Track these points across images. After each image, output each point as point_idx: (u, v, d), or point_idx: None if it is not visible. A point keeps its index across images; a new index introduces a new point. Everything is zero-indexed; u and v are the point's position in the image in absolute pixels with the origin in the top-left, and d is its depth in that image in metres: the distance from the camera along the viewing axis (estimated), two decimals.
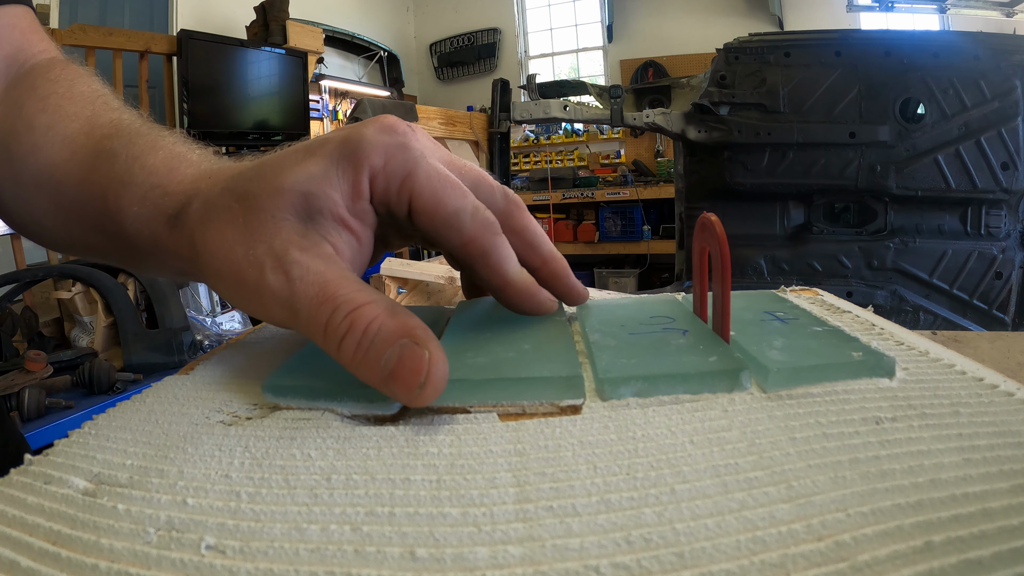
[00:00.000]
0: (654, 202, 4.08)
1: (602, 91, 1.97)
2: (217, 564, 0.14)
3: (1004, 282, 1.73)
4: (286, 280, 0.21)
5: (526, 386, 0.21)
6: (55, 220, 0.32)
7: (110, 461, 0.18)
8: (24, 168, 0.31)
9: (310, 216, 0.22)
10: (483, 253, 0.25)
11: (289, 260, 0.21)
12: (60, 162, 0.30)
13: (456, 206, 0.24)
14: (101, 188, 0.28)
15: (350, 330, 0.20)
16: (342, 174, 0.23)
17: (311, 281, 0.21)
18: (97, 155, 0.29)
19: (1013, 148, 1.65)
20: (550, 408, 0.21)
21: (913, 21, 4.10)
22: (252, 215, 0.22)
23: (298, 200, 0.22)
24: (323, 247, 0.22)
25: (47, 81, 0.33)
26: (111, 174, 0.27)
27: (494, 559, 0.13)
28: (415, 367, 0.19)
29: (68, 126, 0.31)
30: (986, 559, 0.12)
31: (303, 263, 0.21)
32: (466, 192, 0.24)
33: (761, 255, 1.87)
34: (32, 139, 0.31)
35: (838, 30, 1.97)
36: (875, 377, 0.21)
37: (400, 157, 0.23)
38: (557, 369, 0.22)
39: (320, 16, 3.86)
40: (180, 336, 1.49)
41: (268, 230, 0.22)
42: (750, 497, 0.15)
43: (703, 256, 0.26)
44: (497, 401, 0.21)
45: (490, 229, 0.25)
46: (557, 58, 5.22)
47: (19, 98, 0.33)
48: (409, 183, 0.23)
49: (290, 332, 0.32)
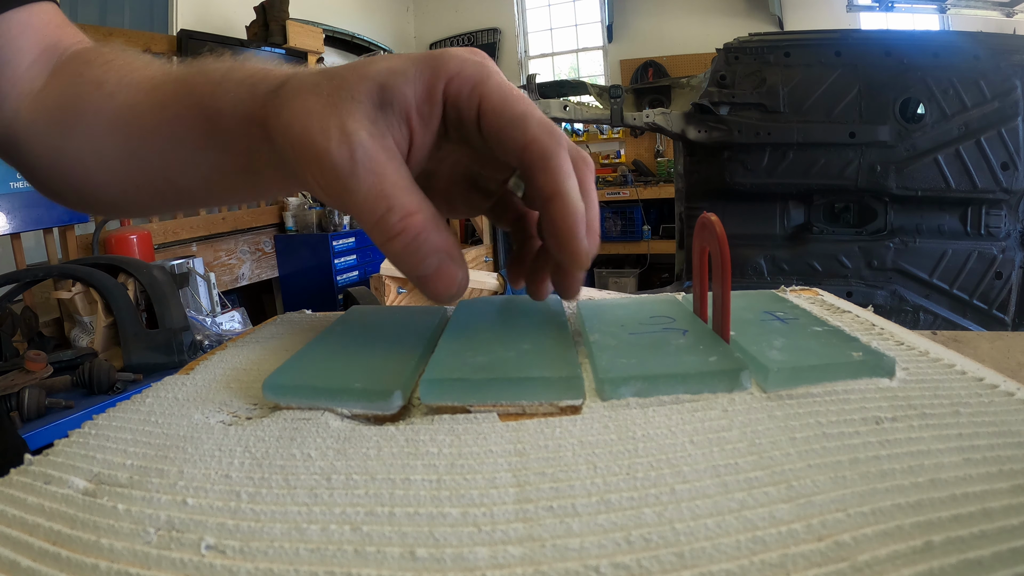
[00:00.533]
0: (654, 202, 4.08)
1: (602, 91, 1.97)
2: (217, 564, 0.14)
3: (1004, 282, 1.73)
4: (350, 158, 0.23)
5: (525, 386, 0.21)
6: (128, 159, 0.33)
7: (110, 461, 0.18)
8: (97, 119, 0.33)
9: (382, 105, 0.24)
10: (543, 155, 0.24)
11: (356, 140, 0.23)
12: (139, 100, 0.31)
13: (523, 109, 0.24)
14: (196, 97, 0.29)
15: (402, 233, 0.23)
16: (419, 74, 0.25)
17: (371, 169, 0.23)
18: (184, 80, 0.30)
19: (1013, 148, 1.64)
20: (549, 408, 0.21)
21: (913, 21, 4.10)
22: (335, 91, 0.24)
23: (375, 88, 0.24)
24: (387, 139, 0.24)
25: (99, 54, 0.35)
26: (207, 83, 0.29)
27: (494, 559, 0.13)
28: (448, 280, 0.24)
29: (142, 74, 0.33)
30: (986, 559, 0.12)
31: (368, 148, 0.23)
32: (534, 105, 0.25)
33: (761, 255, 1.87)
34: (104, 92, 0.33)
35: (838, 30, 1.97)
36: (875, 377, 0.21)
37: (475, 68, 0.25)
38: (556, 369, 0.22)
39: (320, 16, 3.86)
40: (180, 336, 1.48)
41: (346, 107, 0.24)
42: (750, 497, 0.15)
43: (703, 256, 0.26)
44: (497, 401, 0.21)
45: (556, 137, 0.24)
46: (557, 58, 5.22)
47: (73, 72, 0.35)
48: (480, 87, 0.24)
49: (290, 332, 0.32)
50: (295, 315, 0.36)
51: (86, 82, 0.34)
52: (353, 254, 3.08)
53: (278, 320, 0.35)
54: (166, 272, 1.68)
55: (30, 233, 1.97)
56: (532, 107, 0.25)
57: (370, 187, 0.23)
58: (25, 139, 0.35)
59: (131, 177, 0.34)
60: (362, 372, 0.23)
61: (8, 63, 0.35)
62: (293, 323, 0.34)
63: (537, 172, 0.24)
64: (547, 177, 0.24)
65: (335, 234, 3.00)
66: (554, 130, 0.25)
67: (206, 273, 2.04)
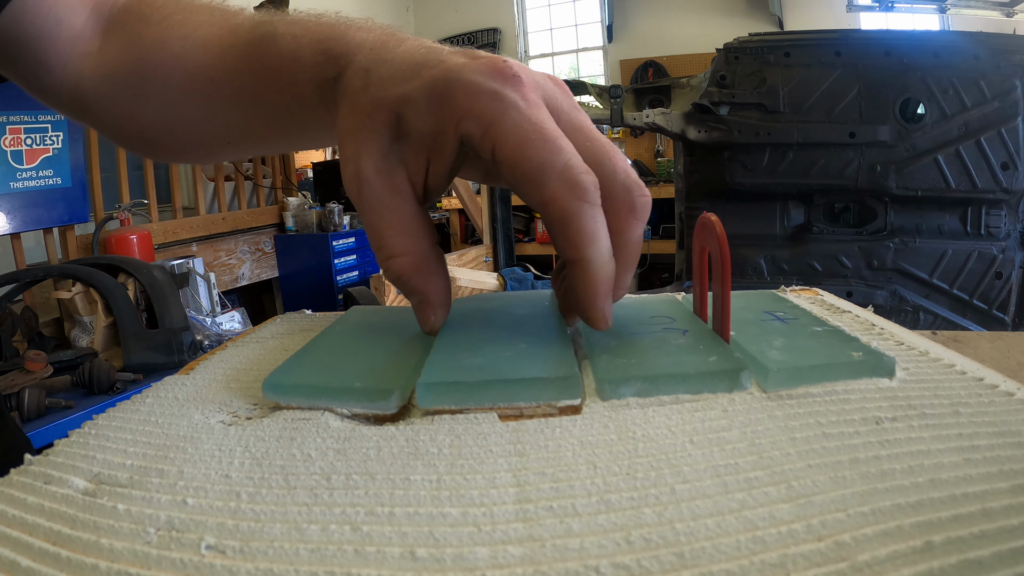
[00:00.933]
0: (654, 202, 4.02)
1: (602, 91, 1.97)
2: (217, 564, 0.14)
3: (1004, 282, 1.73)
4: (357, 195, 0.25)
5: (522, 387, 0.21)
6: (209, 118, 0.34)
7: (110, 461, 0.18)
8: (169, 81, 0.33)
9: (399, 136, 0.25)
10: (563, 218, 0.22)
11: (363, 178, 0.24)
12: (210, 63, 0.32)
13: (541, 160, 0.21)
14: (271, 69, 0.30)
15: (387, 271, 0.25)
16: (430, 107, 0.23)
17: (372, 207, 0.24)
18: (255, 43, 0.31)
19: (1013, 148, 1.64)
20: (548, 409, 0.21)
21: (913, 21, 4.10)
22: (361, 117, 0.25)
23: (393, 120, 0.24)
24: (397, 175, 0.25)
25: (154, 8, 0.35)
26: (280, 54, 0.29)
27: (494, 559, 0.13)
28: (423, 320, 0.26)
29: (205, 32, 0.33)
30: (986, 559, 0.12)
31: (372, 186, 0.24)
32: (561, 149, 0.22)
33: (761, 255, 1.87)
34: (169, 53, 0.33)
35: (838, 30, 1.97)
36: (875, 377, 0.21)
37: (488, 104, 0.22)
38: (553, 369, 0.22)
39: None
40: (180, 336, 1.48)
41: (364, 137, 0.25)
42: (750, 497, 0.15)
43: (703, 256, 0.26)
44: (494, 403, 0.21)
45: (578, 193, 0.21)
46: (557, 58, 5.22)
47: (131, 31, 0.35)
48: (493, 132, 0.22)
49: (290, 332, 0.32)
50: (295, 315, 0.36)
51: (147, 43, 0.34)
52: (353, 254, 3.08)
53: (278, 320, 0.35)
54: (166, 272, 1.68)
55: (30, 233, 1.97)
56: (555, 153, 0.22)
57: (369, 223, 0.25)
58: (95, 101, 0.36)
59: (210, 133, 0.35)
60: (362, 372, 0.23)
61: (61, 22, 0.35)
62: (293, 323, 0.34)
63: (557, 236, 0.22)
64: (567, 242, 0.22)
65: (335, 234, 2.99)
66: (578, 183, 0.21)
67: (206, 273, 2.04)
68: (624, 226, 0.23)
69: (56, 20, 0.34)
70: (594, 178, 0.22)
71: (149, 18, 0.35)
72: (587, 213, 0.22)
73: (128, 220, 2.19)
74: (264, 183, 3.05)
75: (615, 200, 0.23)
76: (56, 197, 1.93)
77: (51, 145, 1.88)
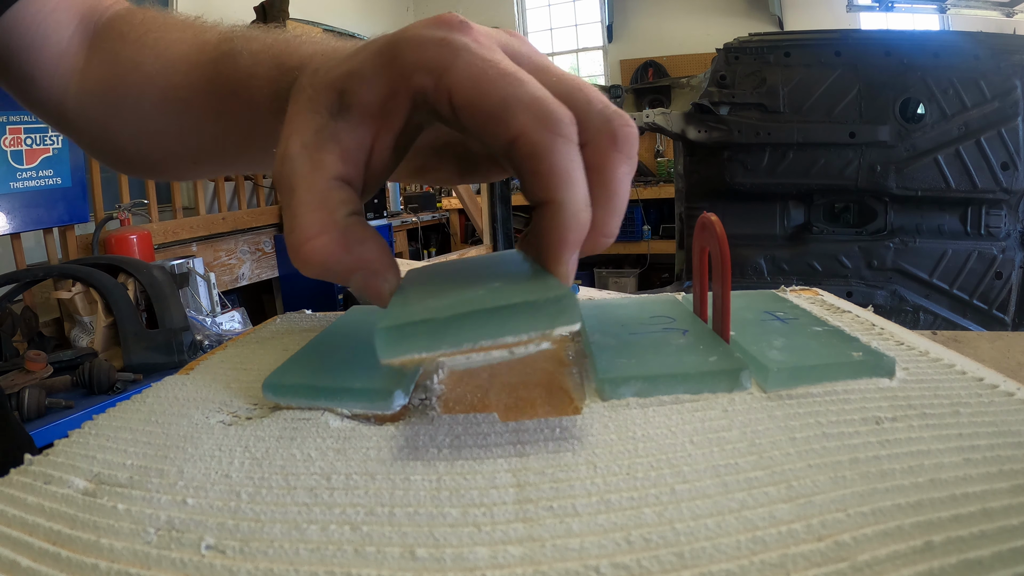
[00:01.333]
0: (654, 202, 4.08)
1: (602, 91, 1.97)
2: (217, 564, 0.14)
3: (1004, 282, 1.73)
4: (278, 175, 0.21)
5: (507, 316, 0.17)
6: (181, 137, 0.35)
7: (110, 461, 0.18)
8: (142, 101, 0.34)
9: (340, 112, 0.21)
10: (532, 154, 0.19)
11: (285, 155, 0.21)
12: (178, 82, 0.33)
13: (504, 94, 0.19)
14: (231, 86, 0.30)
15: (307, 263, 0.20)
16: (376, 74, 0.21)
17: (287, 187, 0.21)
18: (216, 61, 0.31)
19: (1013, 148, 1.64)
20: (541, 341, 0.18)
21: (913, 21, 4.10)
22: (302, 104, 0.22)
23: (334, 97, 0.22)
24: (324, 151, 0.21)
25: (132, 26, 0.36)
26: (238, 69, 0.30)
27: (494, 559, 0.13)
28: (375, 293, 0.21)
29: (176, 50, 0.34)
30: (986, 559, 0.12)
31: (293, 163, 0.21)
32: (524, 82, 0.19)
33: (761, 255, 1.87)
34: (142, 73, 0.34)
35: (838, 30, 1.97)
36: (875, 377, 0.21)
37: (436, 51, 0.20)
38: (541, 291, 0.18)
39: (320, 16, 3.86)
40: (180, 336, 1.48)
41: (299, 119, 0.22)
42: (750, 497, 0.15)
43: (703, 256, 0.26)
44: (474, 343, 0.17)
45: (551, 125, 0.19)
46: (557, 58, 5.22)
47: (111, 48, 0.36)
48: (447, 78, 0.20)
49: (290, 332, 0.32)
50: (295, 315, 0.36)
51: (123, 62, 0.35)
52: None
53: (278, 320, 0.35)
54: (166, 272, 1.68)
55: (30, 233, 1.97)
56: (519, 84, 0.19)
57: (284, 203, 0.21)
58: (76, 116, 0.37)
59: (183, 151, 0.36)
60: (362, 372, 0.23)
61: (48, 37, 0.35)
62: (293, 323, 0.34)
63: (525, 175, 0.20)
64: (537, 181, 0.19)
65: None
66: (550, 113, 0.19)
67: (206, 273, 2.04)
68: (605, 161, 0.21)
69: (43, 35, 0.35)
70: (568, 112, 0.19)
71: (127, 36, 0.35)
72: (560, 148, 0.19)
73: (128, 220, 2.19)
74: (264, 183, 3.05)
75: (593, 131, 0.21)
76: (56, 197, 1.93)
77: (51, 145, 1.88)
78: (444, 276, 0.23)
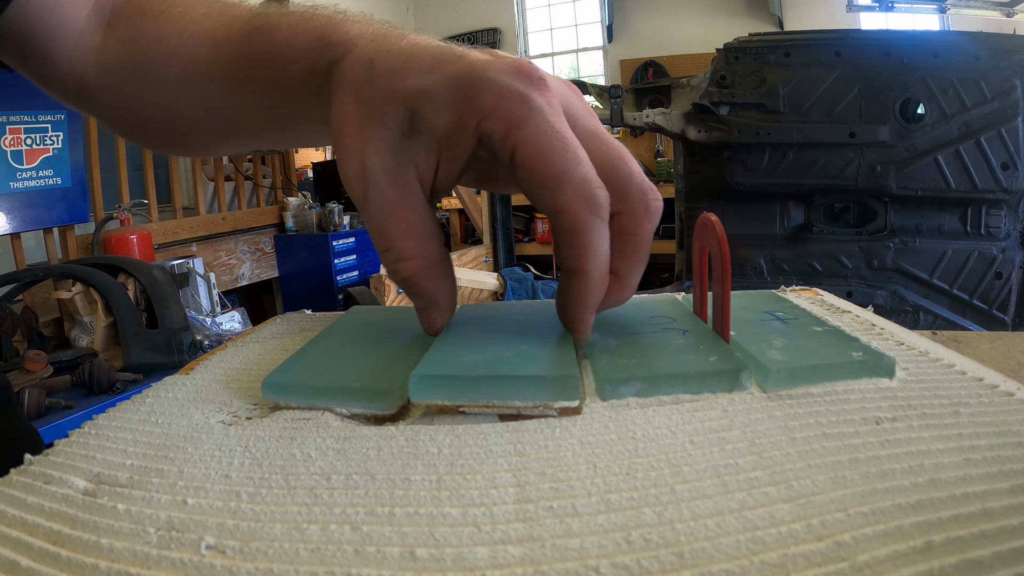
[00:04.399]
0: None
1: (602, 91, 1.97)
2: (217, 564, 0.14)
3: (1004, 282, 1.73)
4: (363, 194, 0.23)
5: (519, 385, 0.20)
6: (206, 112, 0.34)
7: (110, 461, 0.18)
8: (166, 76, 0.33)
9: (411, 132, 0.23)
10: (571, 229, 0.22)
11: (370, 178, 0.23)
12: (204, 56, 0.32)
13: (561, 169, 0.22)
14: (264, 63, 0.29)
15: (394, 273, 0.24)
16: (450, 104, 0.23)
17: (379, 208, 0.24)
18: (249, 35, 0.30)
19: (1013, 148, 1.64)
20: (545, 410, 0.20)
21: (913, 21, 4.10)
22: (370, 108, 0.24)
23: (405, 115, 0.23)
24: (407, 175, 0.24)
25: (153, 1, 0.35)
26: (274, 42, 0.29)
27: (494, 559, 0.13)
28: (428, 323, 0.26)
29: (202, 25, 0.33)
30: (986, 559, 0.12)
31: (380, 186, 0.23)
32: (580, 160, 0.22)
33: (761, 255, 1.87)
34: (166, 47, 0.33)
35: (838, 30, 1.97)
36: (875, 377, 0.21)
37: (513, 105, 0.22)
38: (552, 368, 0.21)
39: None
40: (180, 336, 1.49)
41: (371, 132, 0.23)
42: (750, 497, 0.15)
43: (703, 256, 0.26)
44: (489, 400, 0.21)
45: (593, 207, 0.22)
46: (557, 58, 5.22)
47: (131, 23, 0.35)
48: (515, 134, 0.22)
49: (290, 332, 0.32)
50: (295, 315, 0.36)
51: (145, 37, 0.34)
52: (353, 254, 3.08)
53: (278, 320, 0.35)
54: (166, 272, 1.68)
55: (30, 233, 1.97)
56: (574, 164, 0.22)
57: (376, 224, 0.24)
58: (98, 95, 0.36)
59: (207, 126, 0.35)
60: (362, 372, 0.23)
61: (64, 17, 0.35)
62: (293, 323, 0.34)
63: (562, 244, 0.23)
64: (571, 252, 0.23)
65: (335, 234, 2.99)
66: (594, 197, 0.22)
67: (206, 273, 2.04)
68: (639, 228, 0.24)
69: (60, 15, 0.35)
70: (607, 194, 0.23)
71: (148, 11, 0.35)
72: (596, 228, 0.22)
73: (128, 220, 2.19)
74: (264, 183, 3.05)
75: (631, 202, 0.24)
76: (56, 197, 1.93)
77: (51, 145, 1.88)
78: (487, 324, 0.27)
